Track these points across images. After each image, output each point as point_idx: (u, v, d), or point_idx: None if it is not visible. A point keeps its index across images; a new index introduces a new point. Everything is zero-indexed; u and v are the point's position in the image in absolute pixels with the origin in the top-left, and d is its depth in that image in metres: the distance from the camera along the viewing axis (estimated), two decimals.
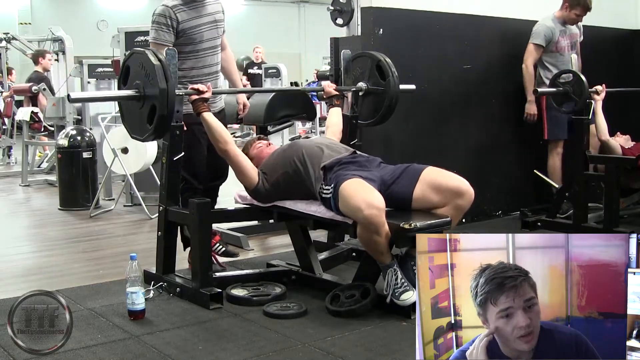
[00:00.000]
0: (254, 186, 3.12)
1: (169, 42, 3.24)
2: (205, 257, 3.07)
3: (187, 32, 3.29)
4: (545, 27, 4.70)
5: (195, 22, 3.32)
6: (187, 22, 3.29)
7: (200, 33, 3.33)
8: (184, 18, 3.28)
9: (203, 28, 3.35)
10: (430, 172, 2.91)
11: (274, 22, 19.86)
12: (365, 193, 2.73)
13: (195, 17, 3.32)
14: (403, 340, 2.55)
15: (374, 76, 3.67)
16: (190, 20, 3.30)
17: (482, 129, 4.89)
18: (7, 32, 8.86)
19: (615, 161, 4.22)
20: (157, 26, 3.27)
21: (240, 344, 2.57)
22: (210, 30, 3.38)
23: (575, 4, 4.66)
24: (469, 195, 2.83)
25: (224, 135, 3.10)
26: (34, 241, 4.70)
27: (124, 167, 5.28)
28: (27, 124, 7.53)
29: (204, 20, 3.36)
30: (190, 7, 3.31)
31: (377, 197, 2.70)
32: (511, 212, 4.95)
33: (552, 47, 4.70)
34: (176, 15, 3.26)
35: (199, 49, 3.34)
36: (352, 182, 2.81)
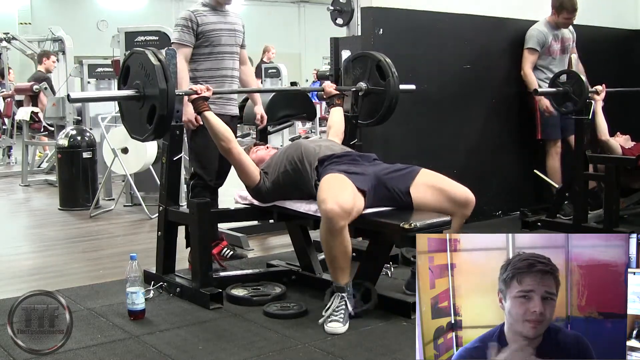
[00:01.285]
0: (255, 185, 3.12)
1: (189, 42, 3.48)
2: (205, 257, 3.07)
3: (206, 34, 3.51)
4: (538, 32, 4.76)
5: (214, 26, 3.54)
6: (206, 25, 3.52)
7: (218, 37, 3.54)
8: (204, 21, 3.52)
9: (221, 33, 3.56)
10: (431, 175, 2.91)
11: (274, 22, 19.85)
12: (340, 190, 2.71)
13: (215, 22, 3.55)
14: (403, 340, 2.55)
15: (374, 76, 3.67)
16: (210, 24, 3.53)
17: (482, 129, 4.89)
18: (7, 32, 8.86)
19: (615, 161, 4.22)
20: (180, 28, 3.50)
21: (240, 344, 2.57)
22: (228, 37, 3.59)
23: (560, 8, 4.70)
24: (473, 203, 2.87)
25: (226, 134, 3.09)
26: (34, 241, 4.70)
27: (124, 167, 5.28)
28: (27, 124, 7.53)
29: (223, 26, 3.58)
30: (211, 12, 3.56)
31: (347, 199, 2.67)
32: (511, 212, 4.95)
33: (545, 51, 4.77)
34: (197, 18, 3.50)
35: (217, 51, 3.54)
36: (333, 176, 2.81)
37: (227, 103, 3.61)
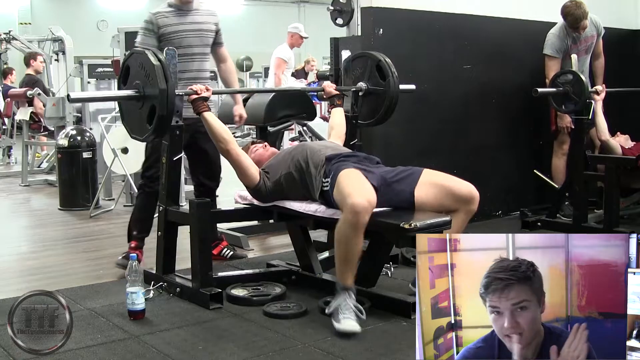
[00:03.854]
0: (255, 185, 3.12)
1: (151, 45, 3.37)
2: (205, 257, 3.07)
3: (167, 36, 3.45)
4: (554, 37, 4.65)
5: (176, 27, 3.48)
6: (167, 27, 3.47)
7: (180, 39, 3.46)
8: (165, 23, 3.47)
9: (186, 34, 3.49)
10: (433, 174, 2.91)
11: (274, 22, 19.85)
12: (362, 184, 2.73)
13: (177, 23, 3.49)
14: (403, 340, 2.55)
15: (374, 76, 3.67)
16: (172, 25, 3.47)
17: (482, 129, 4.89)
18: (7, 32, 8.86)
19: (615, 161, 4.22)
20: (142, 31, 3.49)
21: (240, 344, 2.57)
22: (194, 37, 3.52)
23: (565, 19, 4.60)
24: (477, 198, 2.85)
25: (225, 135, 3.09)
26: (34, 241, 4.70)
27: (124, 167, 5.28)
28: (27, 124, 7.53)
29: (187, 27, 3.51)
30: (173, 14, 3.51)
31: (371, 192, 2.69)
32: (511, 212, 4.95)
33: (566, 56, 4.61)
34: (157, 20, 3.46)
35: (182, 53, 3.34)
36: (351, 171, 2.82)
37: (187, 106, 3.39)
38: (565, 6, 4.56)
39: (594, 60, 4.89)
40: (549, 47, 4.65)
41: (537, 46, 4.75)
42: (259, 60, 13.87)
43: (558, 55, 4.64)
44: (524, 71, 4.98)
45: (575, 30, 4.61)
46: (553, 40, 4.65)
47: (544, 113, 4.84)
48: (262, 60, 13.08)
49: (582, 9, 4.52)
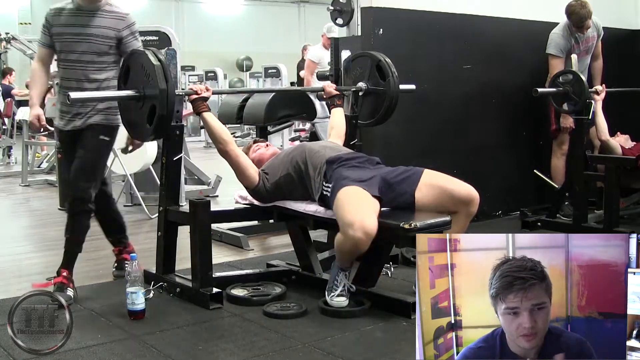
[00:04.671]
0: (254, 186, 3.12)
1: (46, 43, 3.17)
2: (205, 257, 3.07)
3: (54, 37, 3.15)
4: (557, 36, 4.64)
5: (63, 29, 3.13)
6: (56, 28, 3.14)
7: (61, 42, 3.13)
8: (56, 23, 3.14)
9: (68, 38, 3.12)
10: (433, 175, 2.91)
11: (274, 22, 19.88)
12: (364, 209, 2.71)
13: (66, 25, 3.12)
14: (403, 340, 2.55)
15: (374, 76, 3.67)
16: (59, 26, 3.13)
17: (482, 129, 4.89)
18: (8, 32, 8.87)
19: (615, 161, 4.22)
20: (42, 27, 3.20)
21: (240, 344, 2.57)
22: (79, 43, 3.11)
23: (569, 18, 4.60)
24: (477, 200, 2.86)
25: (224, 136, 3.09)
26: (35, 241, 4.70)
27: (124, 167, 5.28)
28: (27, 124, 7.53)
29: (74, 30, 3.11)
30: (68, 13, 3.14)
31: (373, 221, 2.66)
32: (511, 212, 4.95)
33: (567, 55, 4.62)
34: (51, 18, 3.15)
35: (63, 58, 3.16)
36: (351, 190, 2.79)
37: (112, 112, 3.25)
38: (570, 5, 4.56)
39: (593, 62, 4.89)
40: (553, 47, 4.65)
41: (538, 46, 4.76)
42: (259, 60, 13.89)
43: (562, 54, 4.64)
44: (524, 71, 4.99)
45: (579, 30, 4.61)
46: (557, 39, 4.65)
47: (544, 113, 4.84)
48: (262, 60, 13.10)
49: (586, 8, 4.52)
